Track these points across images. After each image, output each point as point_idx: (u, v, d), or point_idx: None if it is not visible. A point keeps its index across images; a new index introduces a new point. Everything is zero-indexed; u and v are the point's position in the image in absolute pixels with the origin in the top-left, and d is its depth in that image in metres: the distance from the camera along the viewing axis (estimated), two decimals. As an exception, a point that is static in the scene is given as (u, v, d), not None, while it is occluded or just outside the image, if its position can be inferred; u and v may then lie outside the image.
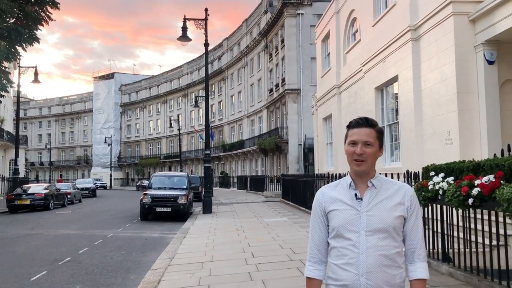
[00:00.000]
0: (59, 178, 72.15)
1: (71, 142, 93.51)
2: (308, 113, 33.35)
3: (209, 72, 56.45)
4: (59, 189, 26.20)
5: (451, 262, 6.16)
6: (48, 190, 23.63)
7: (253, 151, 47.23)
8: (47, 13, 25.50)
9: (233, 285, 6.28)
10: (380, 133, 2.16)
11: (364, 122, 2.15)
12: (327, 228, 2.18)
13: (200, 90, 60.02)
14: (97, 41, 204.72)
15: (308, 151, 34.54)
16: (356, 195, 2.12)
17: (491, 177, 4.68)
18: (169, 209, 16.69)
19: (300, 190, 18.74)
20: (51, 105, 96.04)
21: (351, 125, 2.18)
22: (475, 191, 4.81)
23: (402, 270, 2.09)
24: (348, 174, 2.20)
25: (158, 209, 16.74)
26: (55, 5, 25.26)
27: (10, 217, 19.72)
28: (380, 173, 2.25)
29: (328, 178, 13.81)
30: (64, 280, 7.48)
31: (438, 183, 5.72)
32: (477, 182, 4.84)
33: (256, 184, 36.67)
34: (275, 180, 34.47)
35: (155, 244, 11.15)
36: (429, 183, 6.00)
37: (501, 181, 4.56)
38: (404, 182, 7.69)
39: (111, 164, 72.97)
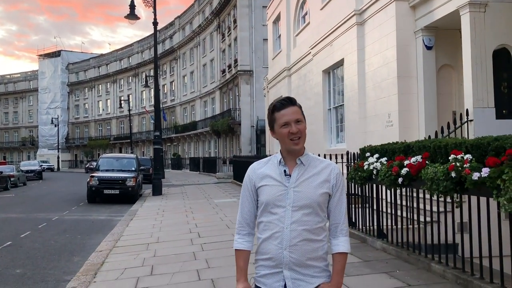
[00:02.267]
0: (2, 160, 68.91)
1: (15, 122, 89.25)
2: (260, 95, 33.51)
3: (161, 52, 55.52)
4: (1, 172, 25.15)
5: (385, 238, 6.52)
6: (-12, 173, 22.66)
7: (206, 133, 47.04)
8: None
9: (176, 265, 6.36)
10: (301, 108, 2.22)
11: (288, 102, 2.18)
12: (256, 203, 2.25)
13: (151, 70, 58.57)
14: (43, 16, 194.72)
15: (260, 133, 34.82)
16: (285, 171, 2.18)
17: (419, 157, 4.98)
18: (117, 192, 16.47)
19: (250, 171, 18.92)
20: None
21: (276, 108, 2.19)
22: (404, 171, 5.11)
23: (324, 243, 2.18)
24: (279, 151, 2.26)
25: (105, 191, 16.48)
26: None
27: None
28: (324, 154, 2.32)
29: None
30: (3, 265, 7.28)
31: (373, 163, 6.02)
32: (406, 162, 5.14)
33: (209, 165, 36.65)
34: (228, 162, 34.60)
35: (102, 227, 11.02)
36: (364, 164, 6.29)
37: (427, 162, 4.87)
38: (345, 162, 8.00)
39: (58, 145, 70.43)
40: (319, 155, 2.54)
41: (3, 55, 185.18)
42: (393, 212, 6.36)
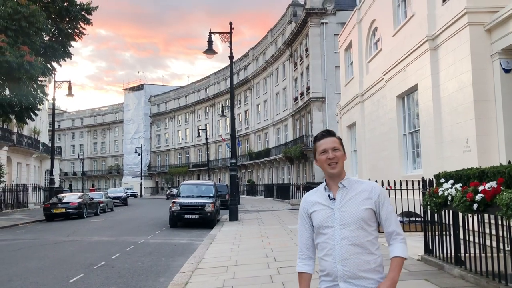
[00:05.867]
0: (91, 188, 74.11)
1: (103, 152, 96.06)
2: (333, 121, 33.54)
3: (235, 82, 57.68)
4: (92, 198, 27.19)
5: (463, 266, 6.41)
6: (82, 199, 24.61)
7: (279, 159, 47.61)
8: (80, 29, 26.78)
9: (255, 286, 6.70)
10: (340, 140, 2.57)
11: (327, 133, 2.57)
12: (312, 228, 2.57)
13: (227, 100, 60.91)
14: (129, 52, 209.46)
15: (334, 159, 34.62)
16: (329, 196, 2.50)
17: (494, 183, 4.97)
18: (196, 217, 17.26)
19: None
20: (83, 116, 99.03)
21: (317, 138, 2.58)
22: (478, 196, 5.11)
23: (376, 256, 2.42)
24: (324, 180, 2.60)
25: (186, 216, 17.33)
26: (88, 21, 26.51)
27: (47, 225, 20.74)
28: (399, 180, 2.62)
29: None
30: (99, 282, 8.05)
31: (447, 189, 6.02)
32: (480, 188, 5.14)
33: (282, 192, 36.97)
34: (301, 188, 34.70)
35: (183, 250, 11.67)
36: (439, 190, 6.30)
37: (502, 187, 4.85)
38: (419, 189, 7.98)
39: (141, 173, 74.60)
40: (394, 182, 2.81)
41: (93, 90, 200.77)
42: (471, 239, 6.27)
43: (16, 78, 20.47)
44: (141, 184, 72.10)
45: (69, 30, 26.34)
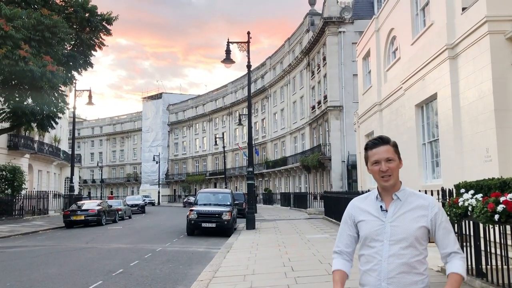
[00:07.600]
0: (110, 195, 75.00)
1: (121, 160, 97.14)
2: (351, 130, 33.36)
3: (253, 91, 57.94)
4: (111, 206, 27.44)
5: (485, 278, 6.30)
6: (100, 207, 24.87)
7: (296, 168, 47.48)
8: (100, 39, 27.28)
9: (272, 296, 6.69)
10: (396, 147, 2.35)
11: (380, 141, 2.34)
12: (353, 237, 2.42)
13: (244, 109, 61.18)
14: (149, 61, 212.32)
15: (351, 168, 34.45)
16: (381, 207, 2.31)
17: (516, 194, 4.90)
18: (214, 225, 17.30)
19: (342, 207, 18.83)
20: (103, 124, 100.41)
21: (369, 147, 2.36)
22: (500, 207, 5.04)
23: (424, 276, 2.25)
24: (376, 187, 2.40)
25: (203, 224, 17.39)
26: (108, 32, 27.00)
27: (67, 232, 21.02)
28: (419, 190, 2.48)
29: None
30: (118, 289, 8.13)
31: (467, 199, 5.95)
32: (502, 199, 5.07)
33: (299, 201, 36.82)
34: (319, 197, 34.53)
35: (201, 258, 11.71)
36: (459, 200, 6.22)
37: (524, 198, 4.78)
38: (439, 199, 7.88)
39: (159, 181, 75.17)
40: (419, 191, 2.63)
41: (113, 98, 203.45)
42: (492, 250, 6.17)
43: (39, 87, 20.92)
44: (158, 192, 72.63)
45: (90, 41, 26.86)
